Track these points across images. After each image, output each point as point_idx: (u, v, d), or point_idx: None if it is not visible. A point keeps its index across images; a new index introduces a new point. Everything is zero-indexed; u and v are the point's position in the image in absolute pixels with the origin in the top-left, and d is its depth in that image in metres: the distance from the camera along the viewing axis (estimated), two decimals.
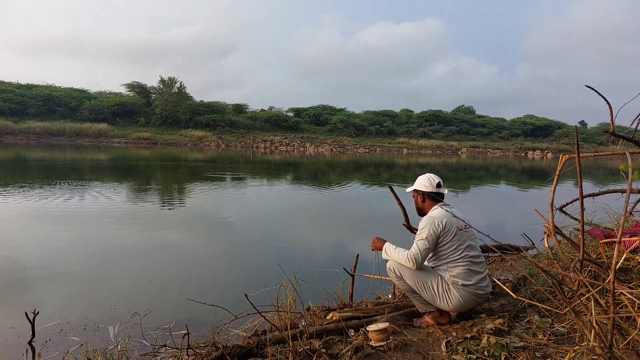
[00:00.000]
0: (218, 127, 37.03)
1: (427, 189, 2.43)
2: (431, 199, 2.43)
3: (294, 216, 7.21)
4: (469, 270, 2.24)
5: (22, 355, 2.28)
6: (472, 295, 2.24)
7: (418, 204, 2.50)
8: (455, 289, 2.23)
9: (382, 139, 41.68)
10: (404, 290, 2.43)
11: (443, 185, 2.47)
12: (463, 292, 2.22)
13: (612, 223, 3.43)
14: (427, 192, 2.42)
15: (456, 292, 2.23)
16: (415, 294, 2.37)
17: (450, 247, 2.26)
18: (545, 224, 1.60)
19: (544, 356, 1.82)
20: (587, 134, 47.80)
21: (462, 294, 2.22)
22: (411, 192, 2.54)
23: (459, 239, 2.26)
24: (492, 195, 11.09)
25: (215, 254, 4.53)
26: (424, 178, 2.47)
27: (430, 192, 2.42)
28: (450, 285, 2.25)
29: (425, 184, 2.44)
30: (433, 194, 2.42)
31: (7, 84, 35.38)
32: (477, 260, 2.28)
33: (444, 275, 2.29)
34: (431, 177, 2.46)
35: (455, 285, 2.24)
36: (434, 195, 2.42)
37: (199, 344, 2.12)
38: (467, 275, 2.24)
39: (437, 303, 2.29)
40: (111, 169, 14.02)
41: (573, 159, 1.31)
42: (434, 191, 2.42)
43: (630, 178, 1.10)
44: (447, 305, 2.26)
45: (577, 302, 1.38)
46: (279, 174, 14.62)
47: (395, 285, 2.48)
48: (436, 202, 2.41)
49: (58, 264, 3.90)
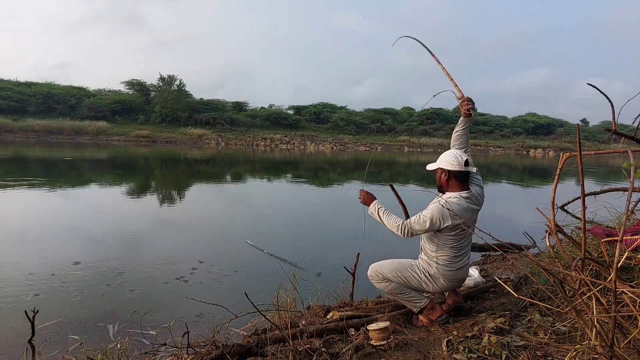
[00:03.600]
0: (218, 125, 36.96)
1: (453, 167, 2.19)
2: (457, 179, 2.21)
3: (294, 215, 7.21)
4: (455, 256, 2.26)
5: (22, 353, 2.27)
6: (453, 279, 2.28)
7: (441, 181, 2.27)
8: (438, 273, 2.26)
9: (383, 136, 41.64)
10: (391, 292, 2.36)
11: (471, 164, 2.26)
12: (446, 274, 2.26)
13: (614, 222, 3.42)
14: (454, 172, 2.20)
15: (439, 275, 2.26)
16: (402, 294, 2.33)
17: (447, 236, 2.23)
18: (546, 223, 1.59)
19: (545, 355, 1.81)
20: (588, 132, 47.74)
21: (445, 276, 2.26)
22: (434, 169, 2.32)
23: (460, 231, 2.22)
24: (494, 194, 11.06)
25: (215, 253, 4.53)
26: (451, 155, 2.22)
27: (458, 171, 2.20)
28: (433, 269, 2.27)
29: (452, 162, 2.19)
30: (460, 173, 2.20)
31: (6, 82, 35.26)
32: (465, 249, 2.30)
33: (426, 258, 2.30)
34: (458, 153, 2.22)
35: (438, 268, 2.25)
36: (461, 175, 2.21)
37: (199, 342, 2.12)
38: (453, 259, 2.25)
39: (424, 287, 2.31)
40: (115, 166, 14.02)
41: (574, 157, 1.29)
42: (461, 170, 2.19)
43: (632, 176, 1.09)
44: (433, 287, 2.29)
45: (579, 300, 1.37)
46: (279, 172, 14.61)
47: (381, 289, 2.40)
48: (462, 183, 2.21)
49: (58, 263, 3.89)
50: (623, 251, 1.25)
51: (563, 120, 51.99)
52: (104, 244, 4.67)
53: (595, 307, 1.38)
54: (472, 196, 2.23)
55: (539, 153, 38.45)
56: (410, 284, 2.32)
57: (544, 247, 3.69)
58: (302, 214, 7.28)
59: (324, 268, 4.00)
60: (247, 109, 43.32)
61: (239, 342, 2.04)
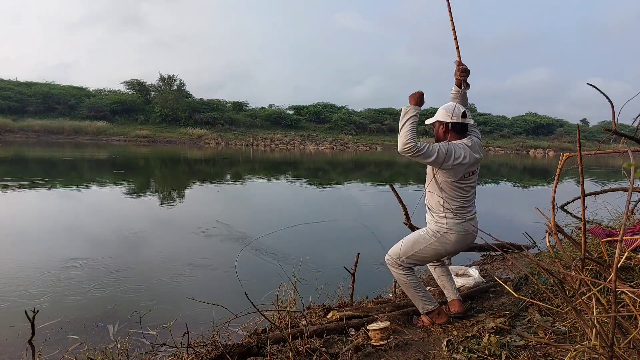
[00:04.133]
0: (218, 125, 36.97)
1: (451, 119, 2.19)
2: (455, 131, 2.21)
3: (294, 215, 7.21)
4: (463, 207, 2.21)
5: (22, 353, 2.28)
6: (466, 232, 2.22)
7: (439, 134, 2.26)
8: (449, 229, 2.21)
9: (383, 136, 41.61)
10: (405, 285, 2.31)
11: (469, 116, 2.25)
12: (457, 228, 2.20)
13: (614, 222, 3.42)
14: (453, 123, 2.19)
15: (451, 231, 2.21)
16: (416, 290, 2.29)
17: (454, 185, 2.18)
18: (546, 223, 1.59)
19: (545, 355, 1.81)
20: (588, 132, 47.71)
21: (458, 231, 2.20)
22: (431, 124, 2.31)
23: (465, 179, 2.19)
24: (494, 194, 11.06)
25: (214, 252, 4.53)
26: (448, 108, 2.22)
27: (456, 123, 2.19)
28: (444, 227, 2.22)
29: (450, 114, 2.19)
30: (458, 125, 2.20)
31: (6, 82, 35.25)
32: (471, 201, 2.25)
33: (435, 216, 2.26)
34: (456, 105, 2.21)
35: (448, 222, 2.21)
36: (459, 127, 2.21)
37: (199, 342, 2.12)
38: (461, 210, 2.21)
39: (440, 251, 2.26)
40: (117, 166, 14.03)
41: (574, 157, 1.29)
42: (459, 122, 2.19)
43: (632, 176, 1.09)
44: (447, 248, 2.24)
45: (579, 300, 1.37)
46: (279, 172, 14.61)
47: (397, 279, 2.36)
48: (460, 135, 2.21)
49: (58, 263, 3.89)
50: (623, 251, 1.25)
51: (563, 120, 52.01)
52: (104, 243, 4.67)
53: (595, 307, 1.38)
54: (474, 144, 2.21)
55: (539, 153, 38.46)
56: (425, 257, 2.27)
57: (544, 247, 3.68)
58: (302, 214, 7.28)
59: (324, 268, 4.00)
60: (247, 109, 43.30)
61: (239, 342, 2.04)
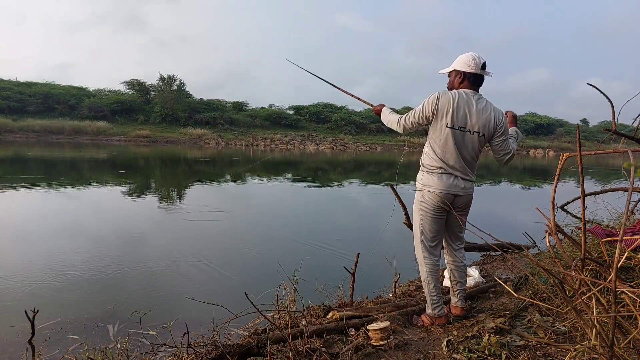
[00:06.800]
0: (218, 125, 36.96)
1: (470, 69, 2.04)
2: (470, 83, 2.07)
3: (294, 214, 7.21)
4: (445, 162, 2.12)
5: (22, 353, 2.28)
6: (443, 191, 2.13)
7: (454, 85, 2.13)
8: (425, 190, 2.20)
9: (383, 137, 41.60)
10: (425, 278, 2.27)
11: (488, 69, 2.10)
12: (432, 185, 2.17)
13: (614, 222, 3.42)
14: (470, 73, 2.05)
15: (426, 193, 2.18)
16: (430, 288, 2.24)
17: (438, 132, 2.10)
18: (546, 223, 1.59)
19: (545, 355, 1.81)
20: (588, 132, 47.70)
21: (433, 188, 2.16)
22: (446, 73, 2.18)
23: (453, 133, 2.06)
24: (493, 194, 11.06)
25: (215, 253, 4.53)
26: (469, 57, 2.06)
27: (474, 74, 2.05)
28: (420, 185, 2.24)
29: (469, 64, 2.04)
30: (475, 76, 2.06)
31: (6, 82, 35.24)
32: (459, 161, 2.12)
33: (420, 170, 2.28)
34: (476, 56, 2.05)
35: (423, 182, 2.21)
36: (475, 79, 2.07)
37: (199, 342, 2.12)
38: (443, 165, 2.13)
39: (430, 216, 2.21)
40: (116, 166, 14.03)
41: (574, 157, 1.29)
42: (477, 72, 2.04)
43: (632, 176, 1.09)
44: (431, 198, 2.16)
45: (579, 301, 1.37)
46: (279, 173, 14.61)
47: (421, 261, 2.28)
48: (473, 87, 2.07)
49: (58, 263, 3.89)
50: (623, 251, 1.25)
51: (563, 120, 51.97)
52: (104, 243, 4.67)
53: (595, 307, 1.38)
54: (481, 109, 2.05)
55: (539, 153, 38.45)
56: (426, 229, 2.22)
57: (544, 247, 3.69)
58: (302, 214, 7.28)
59: (324, 268, 4.00)
60: (247, 109, 43.28)
61: (239, 342, 2.04)
